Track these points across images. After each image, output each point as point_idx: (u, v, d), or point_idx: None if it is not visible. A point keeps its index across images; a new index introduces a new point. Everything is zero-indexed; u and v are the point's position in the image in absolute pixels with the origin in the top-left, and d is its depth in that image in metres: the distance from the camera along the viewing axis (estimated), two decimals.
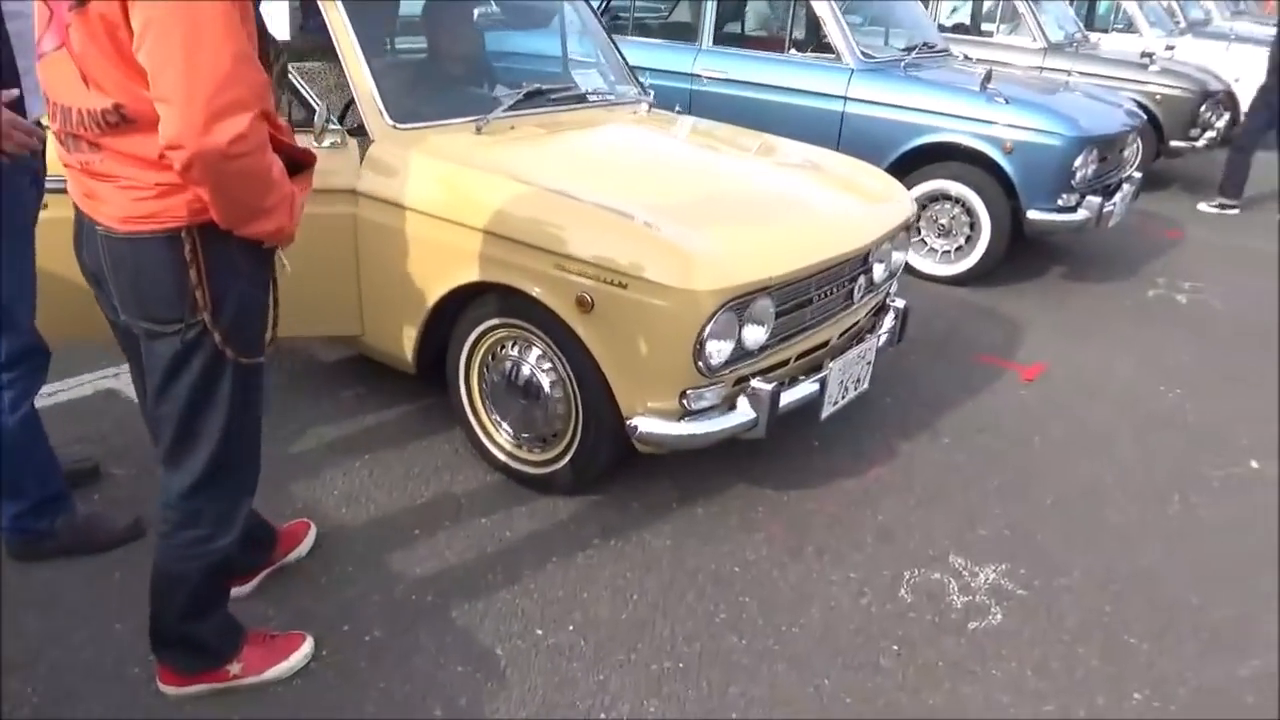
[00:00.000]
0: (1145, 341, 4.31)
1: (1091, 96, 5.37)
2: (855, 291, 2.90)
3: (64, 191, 1.74)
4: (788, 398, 2.61)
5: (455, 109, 2.94)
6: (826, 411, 2.79)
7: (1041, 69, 7.54)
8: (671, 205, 2.54)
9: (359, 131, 2.77)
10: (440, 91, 3.14)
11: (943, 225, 4.84)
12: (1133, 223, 6.13)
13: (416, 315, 2.73)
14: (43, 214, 2.52)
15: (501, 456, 2.80)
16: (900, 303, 3.28)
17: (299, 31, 3.04)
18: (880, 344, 3.09)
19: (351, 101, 2.89)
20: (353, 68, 2.79)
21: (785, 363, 2.70)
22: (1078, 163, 4.47)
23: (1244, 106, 9.54)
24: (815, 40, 5.22)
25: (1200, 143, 7.34)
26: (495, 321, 2.65)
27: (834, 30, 5.01)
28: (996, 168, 4.59)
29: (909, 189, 4.79)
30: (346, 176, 2.72)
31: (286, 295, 1.75)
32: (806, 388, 2.70)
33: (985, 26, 8.52)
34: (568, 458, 2.66)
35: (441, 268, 2.64)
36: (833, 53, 5.01)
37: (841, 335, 2.95)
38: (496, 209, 2.51)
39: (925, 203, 4.86)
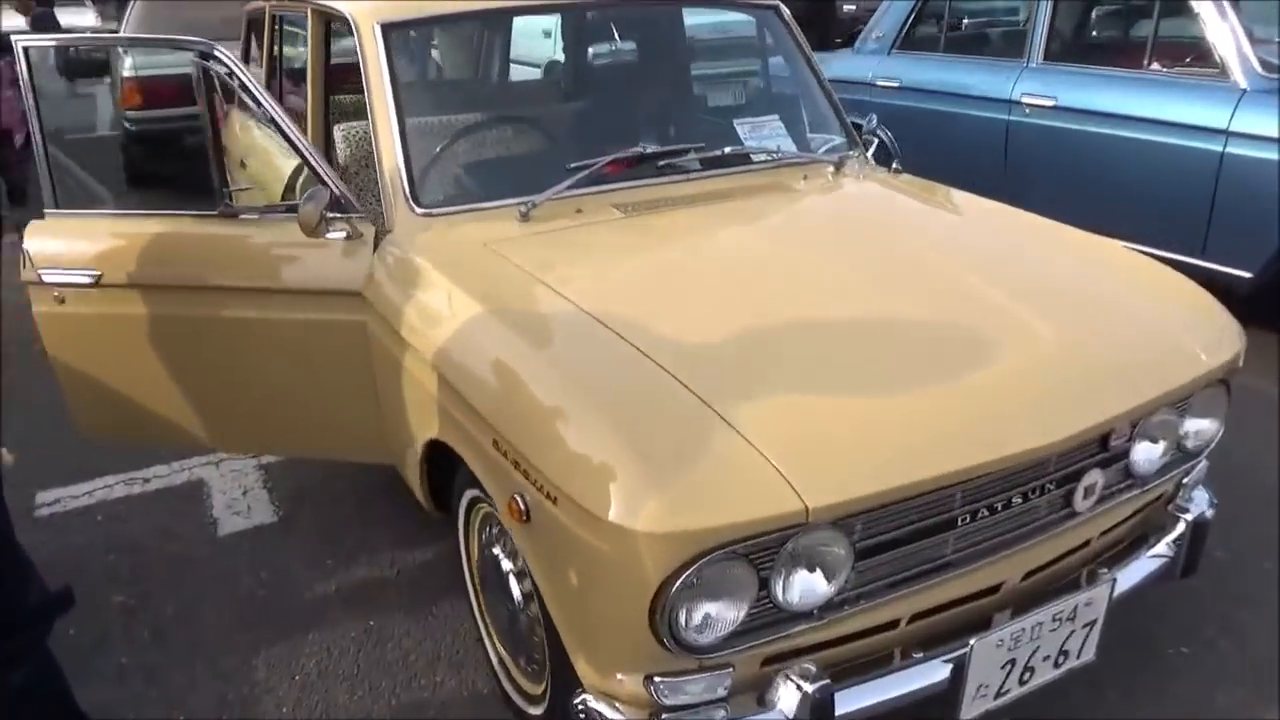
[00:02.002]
0: None
1: None
2: (1079, 496, 1.69)
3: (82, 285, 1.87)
4: (867, 698, 1.52)
5: (520, 183, 2.21)
6: (971, 713, 1.62)
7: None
8: (703, 365, 1.56)
9: None
10: (513, 158, 2.41)
11: None
12: None
13: (415, 458, 2.07)
14: (60, 309, 2.34)
15: (495, 664, 2.04)
16: (1193, 510, 1.91)
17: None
18: (1133, 585, 1.81)
19: None
20: (380, 124, 2.19)
21: (893, 624, 1.60)
22: None
23: None
24: (1191, 49, 3.62)
25: None
26: (477, 493, 1.90)
27: (1219, 30, 3.41)
28: None
29: None
30: (353, 277, 2.14)
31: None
32: (920, 677, 1.57)
33: None
34: (544, 704, 1.82)
35: (421, 411, 1.94)
36: (1215, 66, 3.43)
37: (1040, 571, 1.73)
38: (453, 344, 1.77)
39: None
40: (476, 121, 2.39)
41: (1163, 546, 1.89)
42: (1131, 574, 1.83)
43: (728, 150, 2.41)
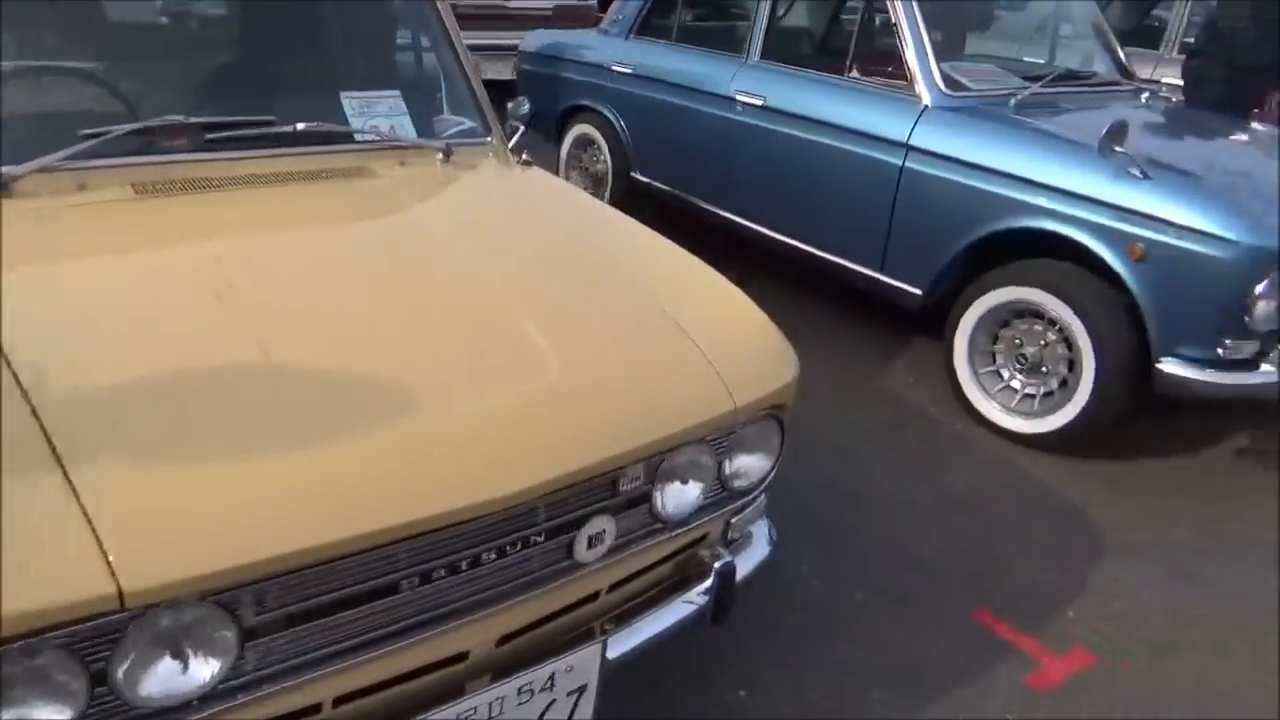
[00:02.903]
0: None
1: None
2: (582, 547, 1.52)
3: None
4: None
5: (28, 147, 1.82)
6: None
7: None
8: (92, 409, 1.27)
9: None
10: (26, 116, 2.00)
11: (1026, 357, 3.12)
12: None
13: None
14: None
15: None
16: (725, 558, 1.79)
17: None
18: (655, 636, 1.67)
19: None
20: None
21: (315, 708, 1.37)
22: (1259, 289, 2.60)
23: None
24: (895, 58, 3.58)
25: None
26: None
27: (908, 40, 3.38)
28: (1120, 281, 2.82)
29: (982, 294, 3.17)
30: None
31: None
32: None
33: None
34: None
35: None
36: (906, 78, 3.40)
37: (530, 630, 1.55)
38: None
39: (1007, 318, 3.15)
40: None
41: (695, 594, 1.77)
42: (652, 625, 1.69)
43: (301, 127, 2.10)
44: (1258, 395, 2.76)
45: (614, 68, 4.57)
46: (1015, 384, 3.17)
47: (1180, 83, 4.74)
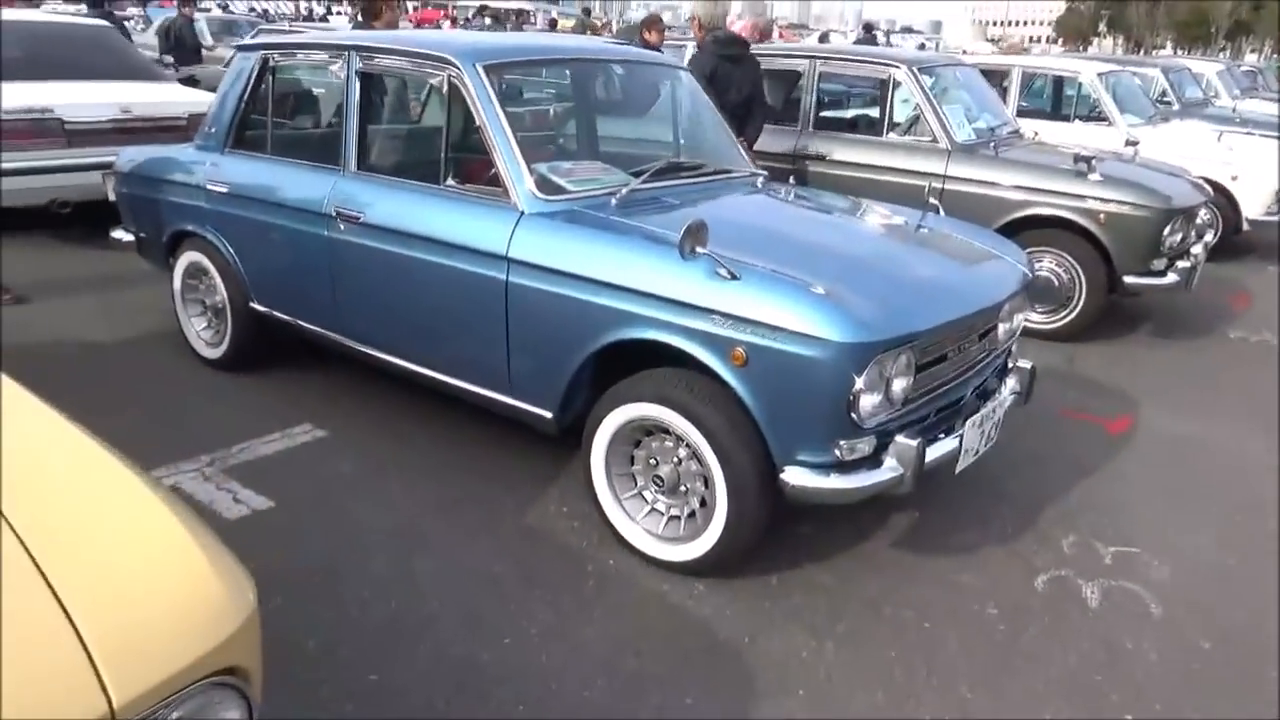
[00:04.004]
0: None
1: (934, 244, 3.35)
2: None
3: None
4: None
5: None
6: None
7: (945, 178, 5.63)
8: None
9: None
10: None
11: (663, 478, 2.81)
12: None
13: None
14: None
15: None
16: None
17: None
18: None
19: None
20: None
21: None
22: (860, 384, 2.43)
23: (1247, 210, 7.54)
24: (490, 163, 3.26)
25: (1168, 278, 5.28)
26: None
27: (495, 144, 3.07)
28: (733, 389, 2.58)
29: (607, 413, 2.85)
30: None
31: None
32: None
33: (898, 120, 6.62)
34: None
35: None
36: (501, 185, 3.08)
37: None
38: None
39: (638, 437, 2.85)
40: None
41: None
42: None
43: None
44: (886, 492, 2.59)
45: (209, 187, 3.98)
46: (660, 507, 2.86)
47: None
